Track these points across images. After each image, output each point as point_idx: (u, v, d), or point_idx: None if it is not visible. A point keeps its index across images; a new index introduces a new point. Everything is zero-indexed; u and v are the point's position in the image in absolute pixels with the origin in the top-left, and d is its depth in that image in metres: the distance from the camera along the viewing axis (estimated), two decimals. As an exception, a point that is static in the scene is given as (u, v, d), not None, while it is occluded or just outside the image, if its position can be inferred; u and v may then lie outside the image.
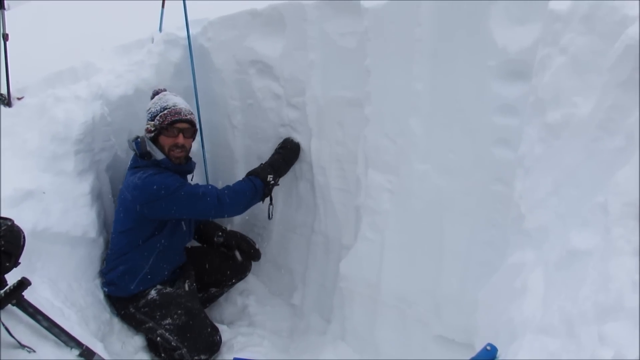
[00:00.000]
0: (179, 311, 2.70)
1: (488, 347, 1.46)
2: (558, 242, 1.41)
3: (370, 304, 2.65)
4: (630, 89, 1.27)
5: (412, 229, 2.38)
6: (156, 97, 2.76)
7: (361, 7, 2.34)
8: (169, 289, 2.79)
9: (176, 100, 2.72)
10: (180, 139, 2.68)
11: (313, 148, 2.89)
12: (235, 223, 3.58)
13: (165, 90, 2.81)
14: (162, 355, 2.76)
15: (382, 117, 2.39)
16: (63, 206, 2.51)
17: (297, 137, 3.03)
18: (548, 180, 1.54)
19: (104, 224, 2.82)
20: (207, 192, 2.67)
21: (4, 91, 3.08)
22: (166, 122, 2.64)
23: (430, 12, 2.08)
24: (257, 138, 3.26)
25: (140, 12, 3.79)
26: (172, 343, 2.67)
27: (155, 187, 2.54)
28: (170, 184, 2.57)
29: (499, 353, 1.45)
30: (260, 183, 2.84)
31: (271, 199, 3.04)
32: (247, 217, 3.59)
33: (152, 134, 2.66)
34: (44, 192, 2.46)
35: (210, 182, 3.49)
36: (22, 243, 1.84)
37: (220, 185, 3.02)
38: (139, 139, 2.67)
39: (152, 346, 2.82)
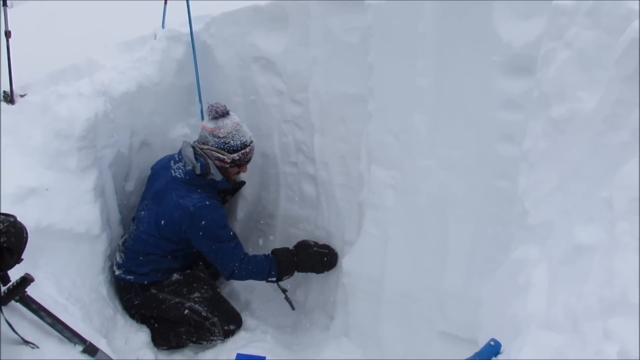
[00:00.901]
0: (205, 286, 2.93)
1: (492, 343, 1.45)
2: (562, 237, 1.40)
3: (374, 300, 2.65)
4: (636, 84, 1.26)
5: (416, 225, 2.37)
6: (231, 126, 2.74)
7: (364, 2, 2.33)
8: (188, 271, 3.00)
9: (250, 134, 2.83)
10: (246, 169, 2.93)
11: (316, 144, 2.88)
12: (239, 218, 3.58)
13: (225, 108, 2.77)
14: (184, 337, 2.88)
15: (386, 113, 2.38)
16: (66, 203, 2.51)
17: (300, 134, 3.02)
18: (553, 176, 1.53)
19: (107, 221, 2.82)
20: (235, 256, 2.80)
21: (7, 88, 3.08)
22: (246, 160, 2.83)
23: (434, 7, 2.06)
24: (260, 134, 3.26)
25: (142, 8, 3.78)
26: (203, 313, 2.83)
27: (207, 224, 2.70)
28: (222, 235, 2.75)
29: (502, 348, 1.45)
30: (274, 275, 2.92)
31: (285, 292, 3.05)
32: (251, 212, 3.59)
33: (227, 165, 2.78)
34: (47, 189, 2.45)
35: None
36: (24, 239, 1.84)
37: None
38: (201, 160, 2.73)
39: (159, 339, 2.84)
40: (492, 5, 1.92)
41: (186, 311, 2.81)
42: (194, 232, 2.73)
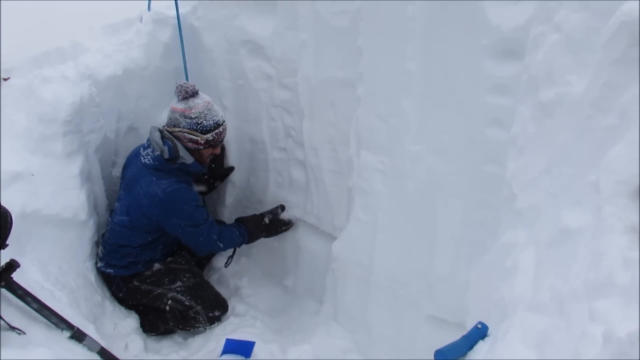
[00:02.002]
0: (187, 274, 2.89)
1: (479, 325, 1.47)
2: (550, 221, 1.41)
3: (363, 285, 2.66)
4: (624, 66, 1.26)
5: (405, 209, 2.37)
6: (202, 105, 2.67)
7: (353, -15, 2.30)
8: (170, 259, 2.95)
9: (222, 113, 2.78)
10: (219, 149, 2.87)
11: (305, 129, 2.86)
12: (227, 204, 3.56)
13: (194, 87, 2.70)
14: (171, 324, 2.86)
15: (375, 98, 2.36)
16: (52, 188, 2.48)
17: (289, 119, 3.00)
18: (541, 160, 1.53)
19: (94, 206, 2.79)
20: (211, 236, 2.78)
21: (-10, 72, 3.02)
22: (220, 140, 2.76)
23: (423, -10, 2.04)
24: (249, 119, 3.23)
25: (128, -10, 3.71)
26: (186, 302, 2.82)
27: (180, 208, 2.66)
28: (197, 216, 2.71)
29: (489, 331, 1.46)
30: (245, 242, 3.03)
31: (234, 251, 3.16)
32: (240, 198, 3.57)
33: (201, 147, 2.71)
34: (32, 174, 2.42)
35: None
36: (8, 225, 1.82)
37: None
38: (169, 143, 2.64)
39: (147, 325, 2.83)
40: (481, -12, 1.90)
41: (169, 302, 2.79)
42: (167, 218, 2.68)
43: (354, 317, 2.74)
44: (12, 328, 1.79)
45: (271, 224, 3.09)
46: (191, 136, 2.67)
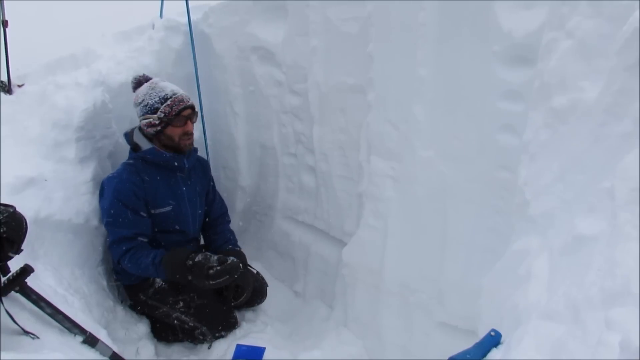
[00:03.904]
0: (191, 294, 2.72)
1: (492, 333, 1.46)
2: (563, 228, 1.40)
3: (373, 290, 2.66)
4: (638, 73, 1.25)
5: (416, 216, 2.37)
6: (145, 87, 2.62)
7: (364, -9, 2.31)
8: None
9: (172, 87, 2.62)
10: (190, 126, 2.64)
11: (315, 135, 2.87)
12: (237, 211, 3.58)
13: (146, 76, 2.70)
14: (180, 335, 2.80)
15: (385, 104, 2.37)
16: (65, 194, 2.50)
17: (299, 125, 3.01)
18: (554, 166, 1.53)
19: (106, 212, 2.81)
20: (120, 246, 2.51)
21: (5, 78, 3.06)
22: (173, 113, 2.55)
23: (434, -4, 2.05)
24: (259, 125, 3.25)
25: (140, -2, 3.76)
26: (190, 324, 2.73)
27: (101, 191, 2.57)
28: (108, 209, 2.51)
29: (503, 338, 1.45)
30: (160, 273, 2.52)
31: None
32: (250, 204, 3.58)
33: (158, 127, 2.58)
34: (45, 180, 2.44)
35: (213, 171, 3.47)
36: (24, 230, 1.83)
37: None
38: (126, 132, 2.65)
39: (157, 332, 2.83)
40: (493, -6, 1.90)
41: (175, 321, 2.73)
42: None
43: (365, 323, 2.73)
44: (26, 332, 1.80)
45: (196, 265, 2.48)
46: (146, 121, 2.59)
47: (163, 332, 2.84)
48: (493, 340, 1.44)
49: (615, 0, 1.41)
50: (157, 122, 2.56)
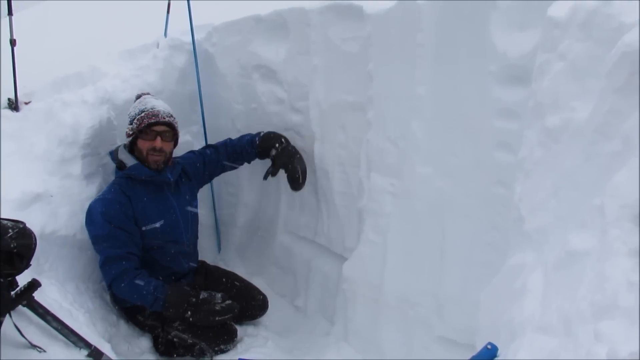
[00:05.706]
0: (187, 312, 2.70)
1: (489, 346, 1.49)
2: (557, 243, 1.44)
3: (373, 305, 2.68)
4: (627, 94, 1.30)
5: (415, 231, 2.40)
6: (137, 100, 2.74)
7: (364, 12, 2.38)
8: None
9: (155, 103, 2.66)
10: (158, 142, 2.61)
11: (316, 152, 2.92)
12: (239, 225, 3.61)
13: (148, 94, 2.80)
14: (181, 350, 2.80)
15: (385, 121, 2.42)
16: (70, 209, 2.55)
17: (300, 142, 3.06)
18: (547, 183, 1.57)
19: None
20: (109, 262, 2.50)
21: (12, 96, 3.12)
22: (143, 125, 2.58)
23: (432, 17, 2.11)
24: (261, 141, 3.29)
25: (145, 17, 3.83)
26: (189, 341, 2.73)
27: (87, 216, 2.54)
28: (94, 232, 2.51)
29: (499, 352, 1.48)
30: (158, 303, 2.54)
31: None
32: (251, 219, 3.62)
33: (130, 138, 2.64)
34: (51, 196, 2.50)
35: (214, 186, 3.52)
36: (33, 245, 1.88)
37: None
38: (111, 149, 2.69)
39: (159, 347, 2.85)
40: (488, 16, 1.96)
41: (174, 339, 2.74)
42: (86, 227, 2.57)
43: (365, 338, 2.75)
44: (33, 346, 1.84)
45: (203, 302, 2.62)
46: (126, 130, 2.66)
47: (165, 347, 2.85)
48: (489, 353, 1.47)
49: (604, 23, 1.47)
50: (130, 132, 2.63)
